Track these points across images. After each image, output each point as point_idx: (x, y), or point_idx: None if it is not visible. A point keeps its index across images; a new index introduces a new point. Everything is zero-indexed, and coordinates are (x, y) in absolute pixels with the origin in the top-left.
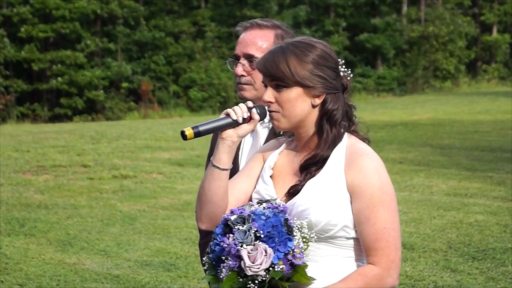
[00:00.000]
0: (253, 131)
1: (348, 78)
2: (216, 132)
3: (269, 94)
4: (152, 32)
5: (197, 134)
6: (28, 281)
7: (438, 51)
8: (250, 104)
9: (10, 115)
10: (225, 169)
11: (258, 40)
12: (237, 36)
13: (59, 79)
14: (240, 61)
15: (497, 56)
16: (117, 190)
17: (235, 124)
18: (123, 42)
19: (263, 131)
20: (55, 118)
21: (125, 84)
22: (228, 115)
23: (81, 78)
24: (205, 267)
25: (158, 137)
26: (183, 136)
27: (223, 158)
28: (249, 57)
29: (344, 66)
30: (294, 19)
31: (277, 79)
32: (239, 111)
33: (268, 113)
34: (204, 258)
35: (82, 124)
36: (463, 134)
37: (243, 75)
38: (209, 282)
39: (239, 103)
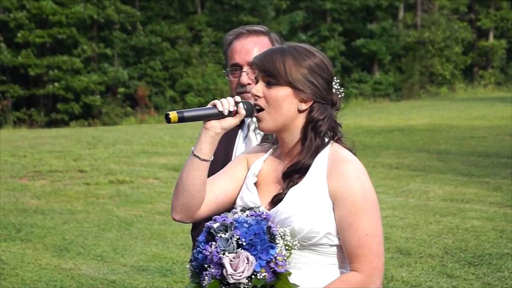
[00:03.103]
0: (246, 137)
1: (339, 96)
2: (200, 120)
3: (258, 88)
4: (148, 37)
5: (181, 119)
6: (24, 286)
7: (434, 57)
8: (237, 98)
9: (7, 120)
10: (205, 160)
11: (258, 47)
12: (227, 44)
13: (56, 84)
14: (243, 69)
15: (494, 61)
16: (113, 195)
17: (220, 115)
18: (119, 47)
19: (255, 138)
20: (51, 123)
21: (121, 89)
22: (214, 106)
23: (78, 83)
24: (189, 275)
25: (155, 142)
26: (167, 118)
27: (204, 148)
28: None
29: (338, 85)
30: (290, 24)
31: (270, 75)
32: (226, 104)
33: (255, 111)
34: (187, 266)
35: (79, 129)
36: (459, 140)
37: (249, 84)
38: None
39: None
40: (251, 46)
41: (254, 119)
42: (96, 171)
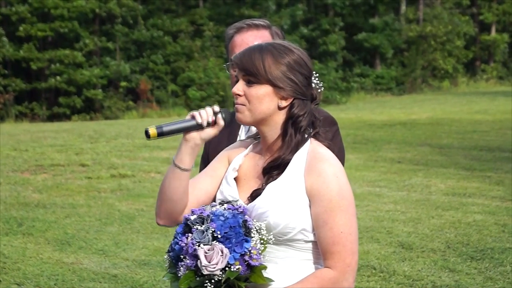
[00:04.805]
0: (248, 131)
1: (319, 90)
2: (180, 133)
3: (239, 87)
4: (150, 31)
5: (161, 134)
6: (26, 280)
7: (436, 51)
8: (216, 108)
9: (9, 114)
10: (186, 170)
11: (259, 41)
12: (228, 38)
13: (58, 78)
14: None
15: (496, 55)
16: (115, 189)
17: (199, 127)
18: (121, 41)
19: None
20: (53, 117)
21: (123, 83)
22: (193, 117)
23: (80, 77)
24: (166, 265)
25: None
26: (147, 135)
27: (185, 159)
28: None
29: (317, 79)
30: (291, 18)
31: (250, 74)
32: (204, 115)
33: (234, 112)
34: (165, 256)
35: (81, 123)
36: (461, 134)
37: None
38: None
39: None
40: (251, 40)
41: None
42: (98, 165)
